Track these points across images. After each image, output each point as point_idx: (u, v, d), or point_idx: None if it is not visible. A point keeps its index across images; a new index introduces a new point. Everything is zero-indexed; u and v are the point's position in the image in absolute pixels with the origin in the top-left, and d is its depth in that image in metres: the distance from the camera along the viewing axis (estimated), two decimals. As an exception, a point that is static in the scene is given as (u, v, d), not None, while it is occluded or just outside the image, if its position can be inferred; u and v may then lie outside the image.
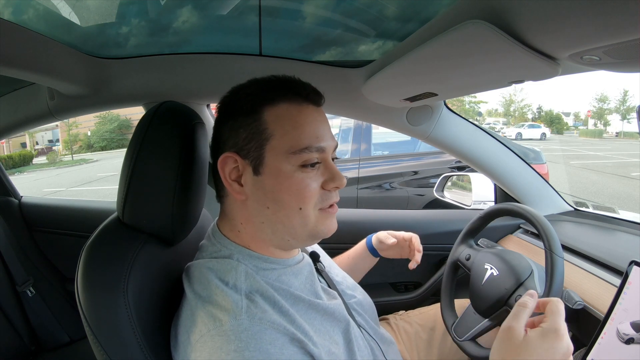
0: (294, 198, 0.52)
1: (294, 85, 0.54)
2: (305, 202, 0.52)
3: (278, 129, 0.52)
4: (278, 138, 0.52)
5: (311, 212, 0.53)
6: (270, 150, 0.52)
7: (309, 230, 0.54)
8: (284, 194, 0.52)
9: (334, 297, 0.61)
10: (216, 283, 0.49)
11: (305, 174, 0.52)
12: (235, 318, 0.45)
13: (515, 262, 0.77)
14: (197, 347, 0.45)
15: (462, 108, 28.75)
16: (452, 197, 1.52)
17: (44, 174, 13.45)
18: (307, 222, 0.53)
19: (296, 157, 0.51)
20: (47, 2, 0.81)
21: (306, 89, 0.55)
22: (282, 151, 0.51)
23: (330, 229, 0.56)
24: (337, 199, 0.56)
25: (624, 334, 0.58)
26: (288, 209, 0.52)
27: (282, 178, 0.51)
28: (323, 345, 0.50)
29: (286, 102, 0.53)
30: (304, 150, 0.51)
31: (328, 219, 0.55)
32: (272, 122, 0.52)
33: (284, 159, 0.51)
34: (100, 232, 0.57)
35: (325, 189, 0.54)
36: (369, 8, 0.83)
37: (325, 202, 0.54)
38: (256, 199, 0.53)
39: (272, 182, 0.52)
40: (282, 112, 0.52)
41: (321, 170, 0.54)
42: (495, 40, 0.49)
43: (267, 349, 0.44)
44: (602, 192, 7.09)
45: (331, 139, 0.55)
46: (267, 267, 0.55)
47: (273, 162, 0.52)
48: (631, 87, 31.85)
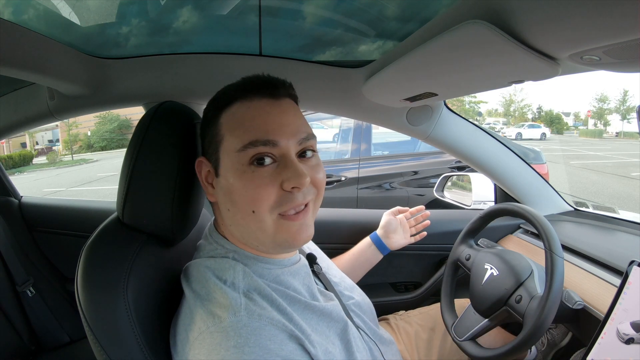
0: (244, 200, 0.49)
1: (247, 83, 0.53)
2: (257, 205, 0.48)
3: (228, 129, 0.51)
4: (228, 138, 0.51)
5: (267, 217, 0.49)
6: (223, 152, 0.51)
7: (270, 238, 0.50)
8: (236, 195, 0.49)
9: (331, 298, 0.60)
10: (214, 281, 0.49)
11: (255, 172, 0.48)
12: (235, 315, 0.45)
13: (515, 262, 0.77)
14: (195, 345, 0.45)
15: (462, 108, 28.76)
16: (452, 197, 1.52)
17: (44, 174, 13.45)
18: (264, 228, 0.50)
19: (243, 155, 0.49)
20: (47, 2, 0.81)
21: (261, 84, 0.52)
22: (232, 150, 0.50)
23: (296, 238, 0.50)
24: (299, 202, 0.50)
25: (624, 334, 0.58)
26: (242, 211, 0.50)
27: (233, 178, 0.49)
28: (320, 344, 0.50)
29: (239, 102, 0.52)
30: (248, 146, 0.48)
31: (292, 226, 0.50)
32: (224, 124, 0.52)
33: (234, 158, 0.49)
34: (100, 232, 0.57)
35: (284, 189, 0.49)
36: (369, 8, 0.83)
37: (286, 206, 0.49)
38: (221, 201, 0.53)
39: (226, 183, 0.51)
40: (233, 112, 0.52)
41: (279, 168, 0.49)
42: (495, 41, 0.49)
43: (267, 344, 0.44)
44: (602, 192, 7.09)
45: (291, 134, 0.50)
46: (264, 267, 0.54)
47: (226, 163, 0.51)
48: (631, 87, 31.91)
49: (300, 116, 0.54)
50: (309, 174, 0.49)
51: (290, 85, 0.56)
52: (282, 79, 0.54)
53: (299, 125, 0.52)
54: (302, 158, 0.52)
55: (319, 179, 0.53)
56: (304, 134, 0.52)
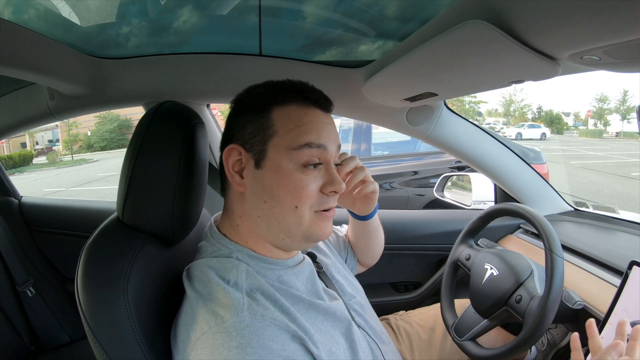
0: (290, 196, 0.52)
1: (304, 89, 0.56)
2: (302, 202, 0.52)
3: (282, 126, 0.53)
4: (281, 135, 0.53)
5: (306, 213, 0.53)
6: (273, 146, 0.53)
7: (303, 231, 0.54)
8: (281, 190, 0.52)
9: (335, 297, 0.61)
10: (217, 281, 0.49)
11: (305, 174, 0.52)
12: (237, 315, 0.45)
13: (515, 262, 0.77)
14: (198, 345, 0.45)
15: (462, 108, 28.74)
16: (452, 197, 1.52)
17: (44, 174, 13.44)
18: (301, 222, 0.53)
19: (296, 154, 0.52)
20: (47, 2, 0.81)
21: (315, 93, 0.56)
22: (284, 147, 0.52)
23: (325, 232, 0.56)
24: (334, 204, 0.56)
25: (624, 334, 0.58)
26: (284, 205, 0.52)
27: (281, 174, 0.52)
28: (324, 344, 0.50)
29: (295, 104, 0.55)
30: (303, 147, 0.52)
31: (323, 221, 0.55)
32: (278, 120, 0.54)
33: (285, 155, 0.52)
34: (100, 232, 0.57)
35: (324, 192, 0.54)
36: (369, 8, 0.83)
37: (322, 205, 0.54)
38: (254, 191, 0.54)
39: (271, 177, 0.52)
40: (289, 112, 0.54)
41: (322, 173, 0.54)
42: (495, 40, 0.49)
43: (269, 345, 0.44)
44: (602, 192, 7.09)
45: (334, 143, 0.56)
46: (267, 267, 0.55)
47: (275, 157, 0.53)
48: (631, 87, 31.86)
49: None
50: None
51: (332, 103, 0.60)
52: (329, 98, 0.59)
53: (338, 138, 0.58)
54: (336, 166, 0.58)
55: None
56: (340, 148, 0.59)
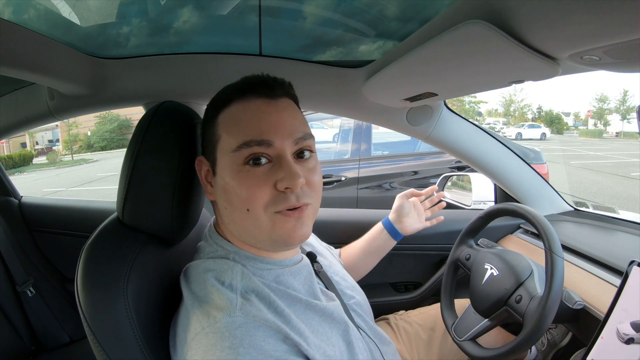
0: (239, 198, 0.50)
1: (244, 83, 0.53)
2: (251, 203, 0.49)
3: (224, 129, 0.52)
4: (224, 137, 0.52)
5: (262, 215, 0.49)
6: (219, 152, 0.52)
7: (266, 235, 0.51)
8: (231, 194, 0.51)
9: (332, 298, 0.60)
10: (212, 282, 0.50)
11: (249, 172, 0.49)
12: (230, 315, 0.45)
13: (515, 262, 0.77)
14: (192, 345, 0.45)
15: (462, 108, 28.74)
16: (452, 197, 1.52)
17: (44, 174, 13.44)
18: (259, 225, 0.50)
19: (238, 154, 0.50)
20: (47, 2, 0.81)
21: (258, 84, 0.52)
22: (228, 150, 0.51)
23: (293, 234, 0.50)
24: (295, 203, 0.49)
25: (624, 334, 0.58)
26: (238, 210, 0.51)
27: (228, 177, 0.51)
28: (318, 346, 0.50)
29: (235, 102, 0.53)
30: (243, 146, 0.49)
31: (287, 222, 0.50)
32: (221, 124, 0.53)
33: (229, 158, 0.51)
34: (100, 232, 0.57)
35: (277, 189, 0.49)
36: (369, 8, 0.83)
37: (280, 204, 0.49)
38: (219, 199, 0.54)
39: (223, 182, 0.52)
40: (230, 112, 0.53)
41: (274, 169, 0.50)
42: (495, 40, 0.49)
43: (261, 345, 0.44)
44: (602, 192, 7.09)
45: (287, 134, 0.50)
46: (264, 268, 0.54)
47: (222, 162, 0.52)
48: (631, 87, 31.86)
49: (298, 116, 0.54)
50: (304, 175, 0.50)
51: (289, 85, 0.56)
52: (281, 79, 0.55)
53: (296, 125, 0.52)
54: (299, 159, 0.52)
55: (314, 181, 0.53)
56: (301, 134, 0.51)
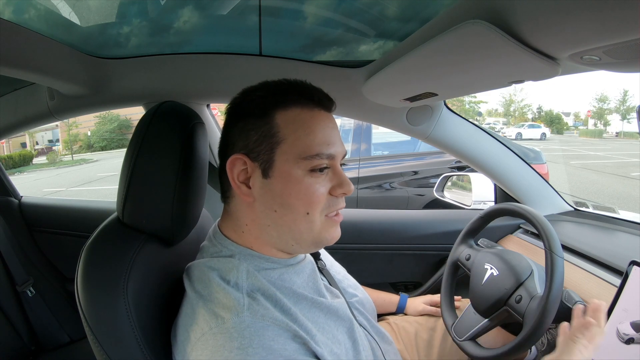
0: (302, 203, 0.51)
1: (306, 90, 0.54)
2: (313, 207, 0.52)
3: (290, 133, 0.52)
4: (289, 142, 0.51)
5: (317, 218, 0.53)
6: (280, 154, 0.51)
7: (313, 236, 0.54)
8: (292, 199, 0.51)
9: (337, 295, 0.61)
10: (217, 281, 0.49)
11: (314, 179, 0.52)
12: (238, 315, 0.45)
13: (515, 262, 0.77)
14: (198, 345, 0.45)
15: (462, 108, 28.72)
16: (452, 197, 1.52)
17: (44, 174, 13.44)
18: (312, 228, 0.53)
19: (306, 163, 0.51)
20: (48, 2, 0.81)
21: (318, 94, 0.55)
22: (293, 156, 0.51)
23: (334, 236, 0.56)
24: (343, 206, 0.56)
25: (624, 334, 0.58)
26: (295, 213, 0.52)
27: (291, 182, 0.51)
28: (326, 344, 0.50)
29: (298, 107, 0.53)
30: (315, 157, 0.51)
31: (332, 226, 0.55)
32: (283, 126, 0.52)
33: (294, 163, 0.51)
34: (100, 232, 0.57)
35: (333, 194, 0.54)
36: (369, 8, 0.83)
37: (332, 208, 0.54)
38: (264, 201, 0.53)
39: (281, 185, 0.52)
40: (294, 116, 0.52)
41: (329, 175, 0.54)
42: (495, 40, 0.49)
43: (270, 345, 0.44)
44: (602, 192, 7.09)
45: (341, 146, 0.55)
46: (269, 267, 0.54)
47: (283, 166, 0.51)
48: (631, 87, 31.82)
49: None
50: None
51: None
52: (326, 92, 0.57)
53: (342, 140, 0.57)
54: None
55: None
56: (345, 149, 0.57)
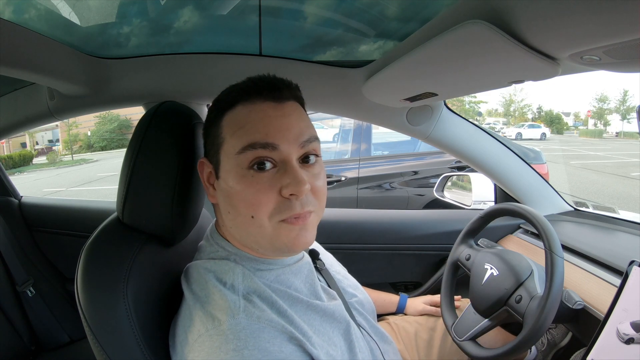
0: (244, 204, 0.48)
1: (250, 85, 0.51)
2: (256, 210, 0.48)
3: (228, 131, 0.51)
4: (228, 140, 0.50)
5: (266, 223, 0.48)
6: (223, 154, 0.51)
7: (269, 243, 0.50)
8: (235, 200, 0.49)
9: (334, 297, 0.60)
10: (214, 283, 0.49)
11: (254, 178, 0.48)
12: (233, 317, 0.45)
13: (515, 262, 0.77)
14: (195, 347, 0.45)
15: (462, 108, 28.72)
16: (452, 197, 1.52)
17: (44, 174, 13.43)
18: (263, 233, 0.49)
19: (242, 157, 0.48)
20: (48, 2, 0.81)
21: (260, 86, 0.51)
22: (232, 153, 0.49)
23: (297, 242, 0.49)
24: (299, 211, 0.48)
25: (624, 334, 0.58)
26: (242, 215, 0.49)
27: (232, 181, 0.49)
28: (322, 346, 0.50)
29: (240, 104, 0.51)
30: (247, 148, 0.47)
31: (291, 231, 0.49)
32: (225, 126, 0.51)
33: (234, 161, 0.49)
34: (100, 232, 0.57)
35: (282, 195, 0.48)
36: (369, 8, 0.83)
37: (285, 212, 0.48)
38: (221, 203, 0.53)
39: (226, 186, 0.50)
40: (235, 114, 0.51)
41: (279, 174, 0.48)
42: (495, 40, 0.49)
43: (266, 347, 0.44)
44: (602, 192, 7.09)
45: (293, 138, 0.49)
46: (265, 268, 0.54)
47: (225, 165, 0.50)
48: (631, 87, 31.83)
49: (305, 119, 0.53)
50: (309, 181, 0.48)
51: (296, 87, 0.54)
52: (288, 81, 0.53)
53: (302, 128, 0.50)
54: (304, 164, 0.51)
55: (318, 187, 0.51)
56: (307, 136, 0.50)
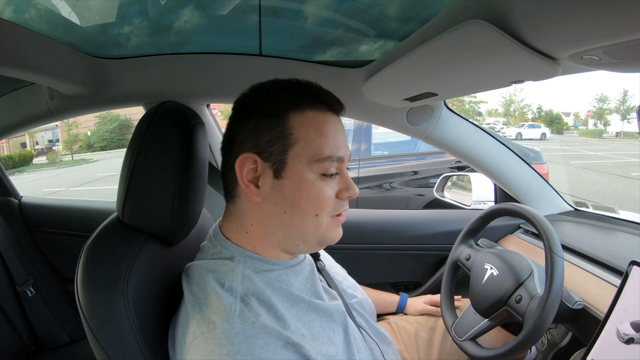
0: (312, 205, 0.53)
1: (320, 93, 0.55)
2: (322, 210, 0.54)
3: (303, 135, 0.52)
4: (302, 145, 0.52)
5: (325, 219, 0.54)
6: (293, 156, 0.52)
7: (319, 236, 0.55)
8: (303, 200, 0.52)
9: (335, 297, 0.61)
10: (212, 285, 0.49)
11: (325, 182, 0.53)
12: (228, 321, 0.45)
13: (515, 262, 0.77)
14: (191, 349, 0.46)
15: (462, 108, 28.70)
16: (452, 197, 1.52)
17: (44, 174, 13.43)
18: (319, 228, 0.54)
19: (318, 166, 0.52)
20: (48, 2, 0.81)
21: (331, 98, 0.56)
22: (306, 158, 0.52)
23: (337, 235, 0.57)
24: (347, 208, 0.58)
25: (624, 334, 0.58)
26: (305, 214, 0.53)
27: (303, 184, 0.52)
28: (320, 348, 0.50)
29: (312, 110, 0.53)
30: (326, 160, 0.52)
31: (337, 226, 0.57)
32: (297, 128, 0.52)
33: (307, 166, 0.52)
34: (100, 232, 0.57)
35: (339, 197, 0.55)
36: (369, 8, 0.83)
37: (337, 210, 0.56)
38: (274, 202, 0.53)
39: (292, 187, 0.52)
40: (308, 119, 0.53)
41: (337, 179, 0.55)
42: (495, 40, 0.49)
43: (260, 353, 0.44)
44: (602, 192, 7.09)
45: (347, 149, 0.57)
46: (267, 268, 0.55)
47: (295, 167, 0.52)
48: (631, 87, 31.79)
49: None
50: None
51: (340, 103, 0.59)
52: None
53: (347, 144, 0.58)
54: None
55: None
56: (349, 153, 0.58)
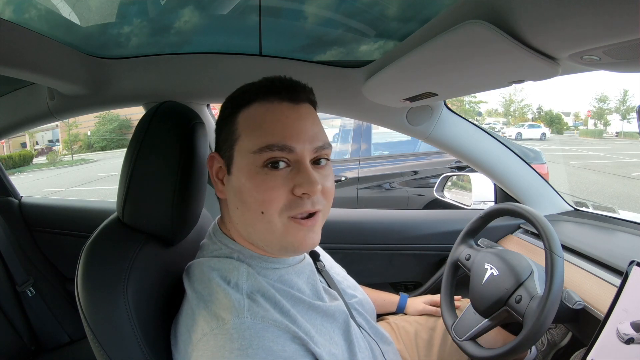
0: (254, 200, 0.49)
1: (268, 85, 0.53)
2: (266, 206, 0.49)
3: (245, 128, 0.52)
4: (244, 138, 0.51)
5: (276, 219, 0.49)
6: (238, 151, 0.52)
7: (277, 240, 0.51)
8: (246, 196, 0.50)
9: (335, 297, 0.61)
10: (217, 282, 0.49)
11: (268, 175, 0.49)
12: (238, 316, 0.45)
13: (515, 262, 0.77)
14: (199, 346, 0.45)
15: (462, 108, 28.71)
16: (452, 197, 1.52)
17: (44, 174, 13.43)
18: (272, 229, 0.50)
19: (258, 157, 0.49)
20: (48, 2, 0.81)
21: (278, 86, 0.52)
22: (247, 151, 0.50)
23: (304, 242, 0.50)
24: (310, 209, 0.50)
25: (624, 334, 0.58)
26: (251, 211, 0.50)
27: (245, 178, 0.50)
28: (324, 345, 0.50)
29: (257, 103, 0.52)
30: (264, 149, 0.49)
31: (300, 231, 0.50)
32: (242, 123, 0.52)
33: (248, 159, 0.50)
34: (100, 232, 0.57)
35: (294, 194, 0.49)
36: (369, 8, 0.83)
37: (294, 209, 0.49)
38: (230, 198, 0.53)
39: (238, 182, 0.51)
40: (252, 112, 0.52)
41: (292, 173, 0.50)
42: (495, 40, 0.49)
43: (270, 346, 0.44)
44: (602, 192, 7.09)
45: (308, 140, 0.50)
46: (268, 267, 0.55)
47: (240, 161, 0.51)
48: (631, 87, 31.80)
49: (318, 123, 0.54)
50: (320, 181, 0.50)
51: (311, 90, 0.56)
52: (304, 84, 0.55)
53: (316, 133, 0.52)
54: (315, 165, 0.52)
55: (328, 188, 0.53)
56: (321, 142, 0.52)
